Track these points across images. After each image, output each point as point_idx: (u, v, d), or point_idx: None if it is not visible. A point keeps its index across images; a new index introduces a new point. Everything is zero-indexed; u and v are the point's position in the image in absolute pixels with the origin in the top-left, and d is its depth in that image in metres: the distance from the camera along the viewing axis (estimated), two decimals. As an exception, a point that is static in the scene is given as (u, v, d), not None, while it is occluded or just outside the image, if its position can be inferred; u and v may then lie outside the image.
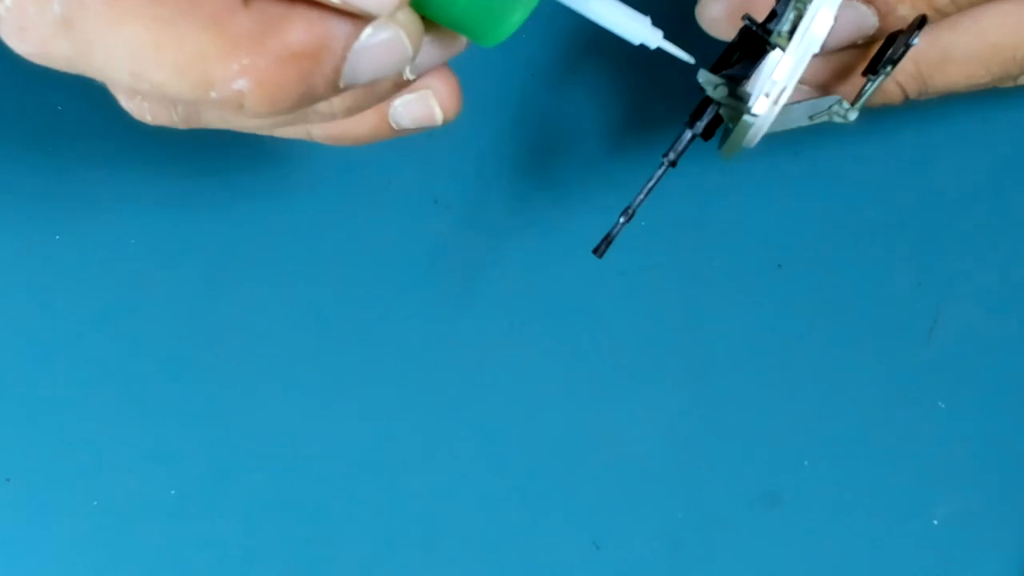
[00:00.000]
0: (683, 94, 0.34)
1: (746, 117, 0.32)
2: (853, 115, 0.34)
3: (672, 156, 0.33)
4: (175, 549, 0.40)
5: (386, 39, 0.26)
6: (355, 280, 0.42)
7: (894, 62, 0.33)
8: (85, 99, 0.43)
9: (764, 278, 0.43)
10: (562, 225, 0.42)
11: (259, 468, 0.40)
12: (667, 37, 0.31)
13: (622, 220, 0.33)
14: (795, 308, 0.42)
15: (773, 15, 0.32)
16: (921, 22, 0.33)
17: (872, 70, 0.34)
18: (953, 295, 0.43)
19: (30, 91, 0.43)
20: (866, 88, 0.34)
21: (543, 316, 0.42)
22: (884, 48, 0.34)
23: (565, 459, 0.41)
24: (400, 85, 0.29)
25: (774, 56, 0.31)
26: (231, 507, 0.40)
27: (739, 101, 0.32)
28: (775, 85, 0.31)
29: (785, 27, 0.31)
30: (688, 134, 0.33)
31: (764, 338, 0.42)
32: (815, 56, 0.31)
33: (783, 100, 0.31)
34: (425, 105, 0.30)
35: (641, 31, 0.30)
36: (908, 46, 0.33)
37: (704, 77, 0.32)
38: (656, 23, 0.30)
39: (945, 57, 0.36)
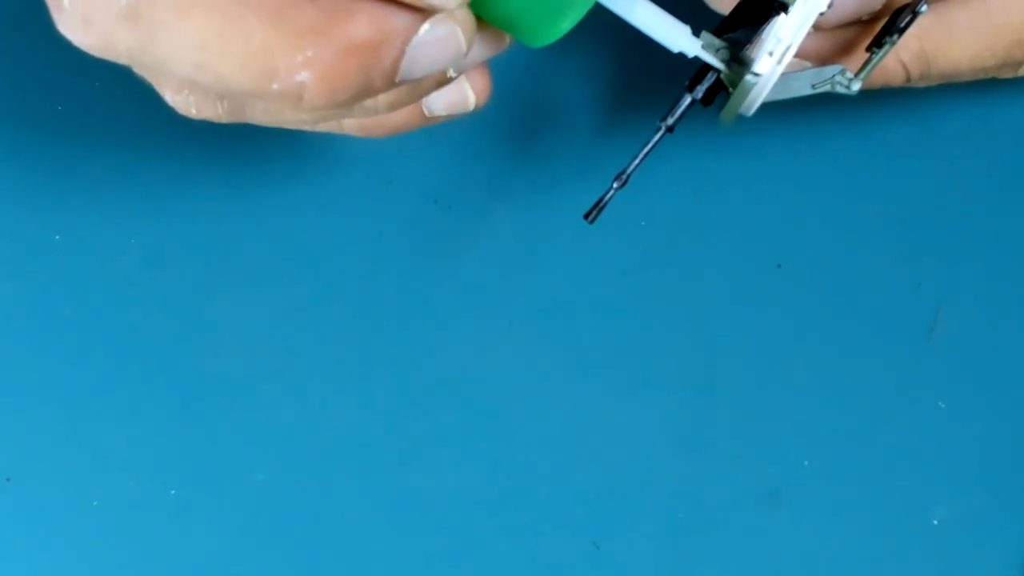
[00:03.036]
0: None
1: (748, 77, 0.31)
2: (856, 86, 0.34)
3: (670, 121, 0.32)
4: (175, 549, 0.39)
5: (443, 35, 0.26)
6: (355, 280, 0.42)
7: (901, 31, 0.33)
8: (85, 100, 0.43)
9: (764, 278, 0.43)
10: (562, 225, 0.42)
11: (259, 468, 0.40)
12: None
13: (615, 186, 0.33)
14: (795, 308, 0.42)
15: None
16: None
17: (877, 43, 0.34)
18: (953, 295, 0.43)
19: (30, 91, 0.43)
20: (870, 60, 0.34)
21: (543, 316, 0.42)
22: (890, 23, 0.34)
23: (565, 459, 0.41)
24: (442, 82, 0.29)
25: (780, 18, 0.31)
26: (231, 507, 0.40)
27: (741, 65, 0.32)
28: (779, 43, 0.31)
29: None
30: (687, 99, 0.32)
31: (764, 338, 0.42)
32: (818, 31, 0.32)
33: (787, 59, 0.31)
34: (459, 90, 0.31)
35: (681, 40, 0.31)
36: (916, 14, 0.33)
37: (706, 40, 0.32)
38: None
39: (950, 36, 0.36)
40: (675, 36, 0.31)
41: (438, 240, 0.42)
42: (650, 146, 0.33)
